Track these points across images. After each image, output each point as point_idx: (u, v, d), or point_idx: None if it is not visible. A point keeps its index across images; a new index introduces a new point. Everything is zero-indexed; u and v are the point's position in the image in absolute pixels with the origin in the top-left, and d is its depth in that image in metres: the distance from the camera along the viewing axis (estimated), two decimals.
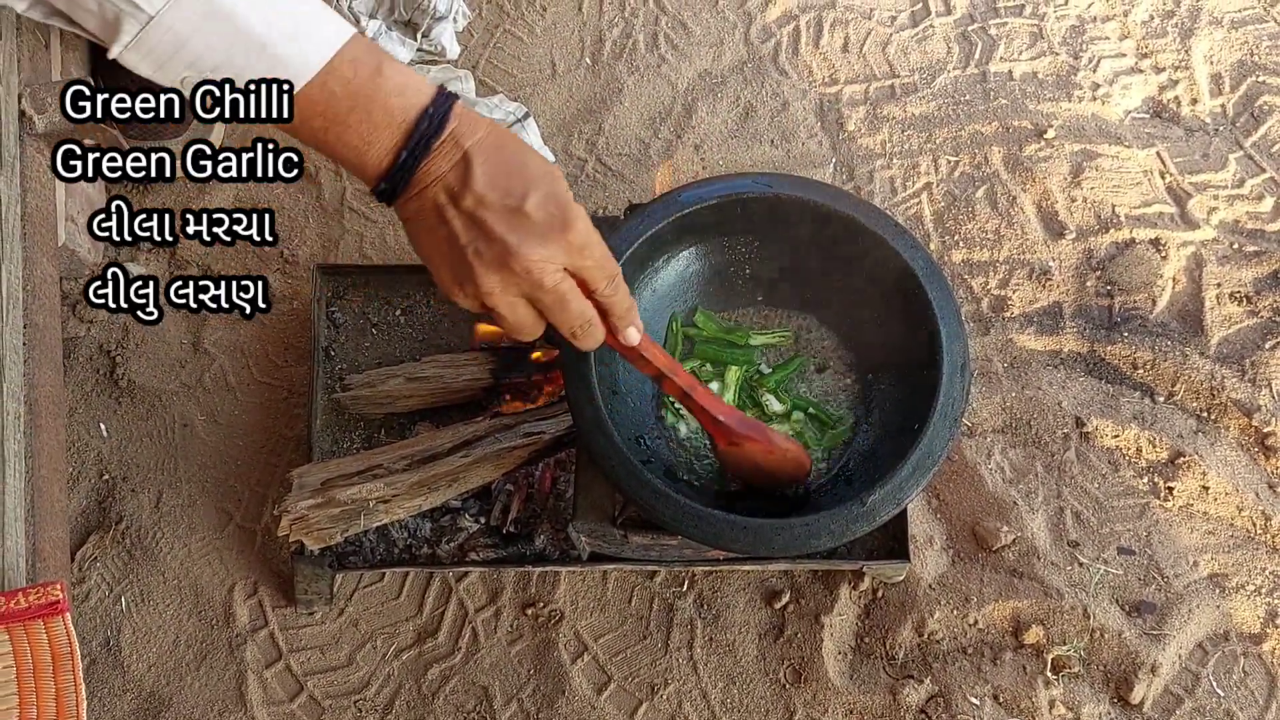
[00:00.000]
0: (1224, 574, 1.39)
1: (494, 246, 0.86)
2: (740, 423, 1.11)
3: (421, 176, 0.87)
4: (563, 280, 0.89)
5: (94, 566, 1.38)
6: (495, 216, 0.86)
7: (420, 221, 0.89)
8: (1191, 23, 1.72)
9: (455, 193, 0.87)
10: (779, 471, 1.15)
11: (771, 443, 1.13)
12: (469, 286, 0.89)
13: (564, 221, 0.88)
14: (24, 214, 1.20)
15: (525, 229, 0.87)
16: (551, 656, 1.35)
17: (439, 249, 0.89)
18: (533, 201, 0.87)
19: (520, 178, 0.88)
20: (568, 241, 0.88)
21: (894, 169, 1.62)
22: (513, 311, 0.90)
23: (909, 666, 1.35)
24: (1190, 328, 1.51)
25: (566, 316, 0.92)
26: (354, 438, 1.40)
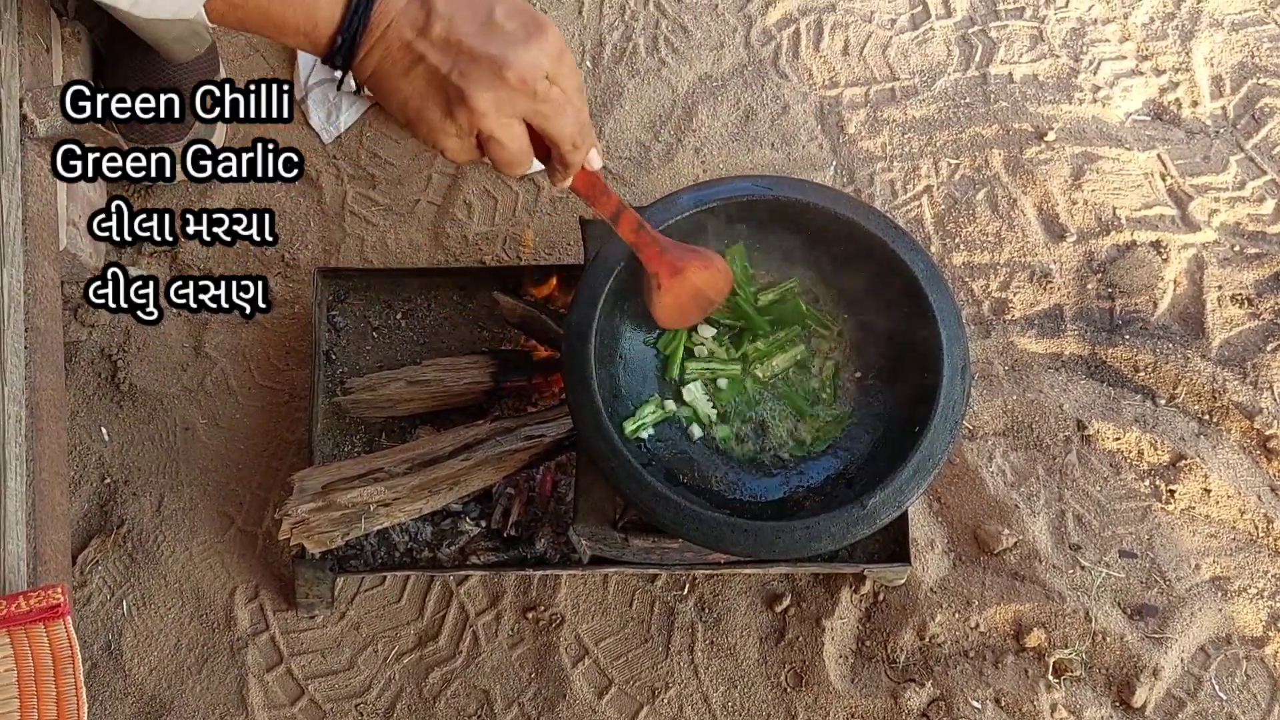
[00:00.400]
0: (1226, 577, 1.39)
1: (480, 63, 0.84)
2: (681, 248, 1.14)
3: (379, 17, 0.85)
4: (551, 86, 0.87)
5: (95, 570, 1.38)
6: (471, 35, 0.84)
7: (390, 67, 0.86)
8: (1192, 25, 1.72)
9: (421, 24, 0.85)
10: (713, 288, 1.18)
11: (705, 257, 1.16)
12: (461, 114, 0.85)
13: (538, 25, 0.86)
14: (25, 218, 1.20)
15: (506, 39, 0.85)
16: (552, 660, 1.35)
17: (417, 88, 0.86)
18: (501, 12, 0.85)
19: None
20: (547, 46, 0.86)
21: (894, 172, 1.62)
22: (509, 134, 0.88)
23: (910, 670, 1.35)
24: (1191, 330, 1.51)
25: (565, 123, 0.89)
26: (355, 441, 1.40)
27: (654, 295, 1.16)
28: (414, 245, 1.56)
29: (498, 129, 0.87)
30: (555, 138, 0.90)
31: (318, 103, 1.63)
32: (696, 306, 1.19)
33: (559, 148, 0.91)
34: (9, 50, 1.26)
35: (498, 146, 0.88)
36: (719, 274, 1.18)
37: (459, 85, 0.84)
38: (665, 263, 1.13)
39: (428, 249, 1.56)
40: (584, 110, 0.92)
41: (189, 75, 1.51)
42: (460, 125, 0.86)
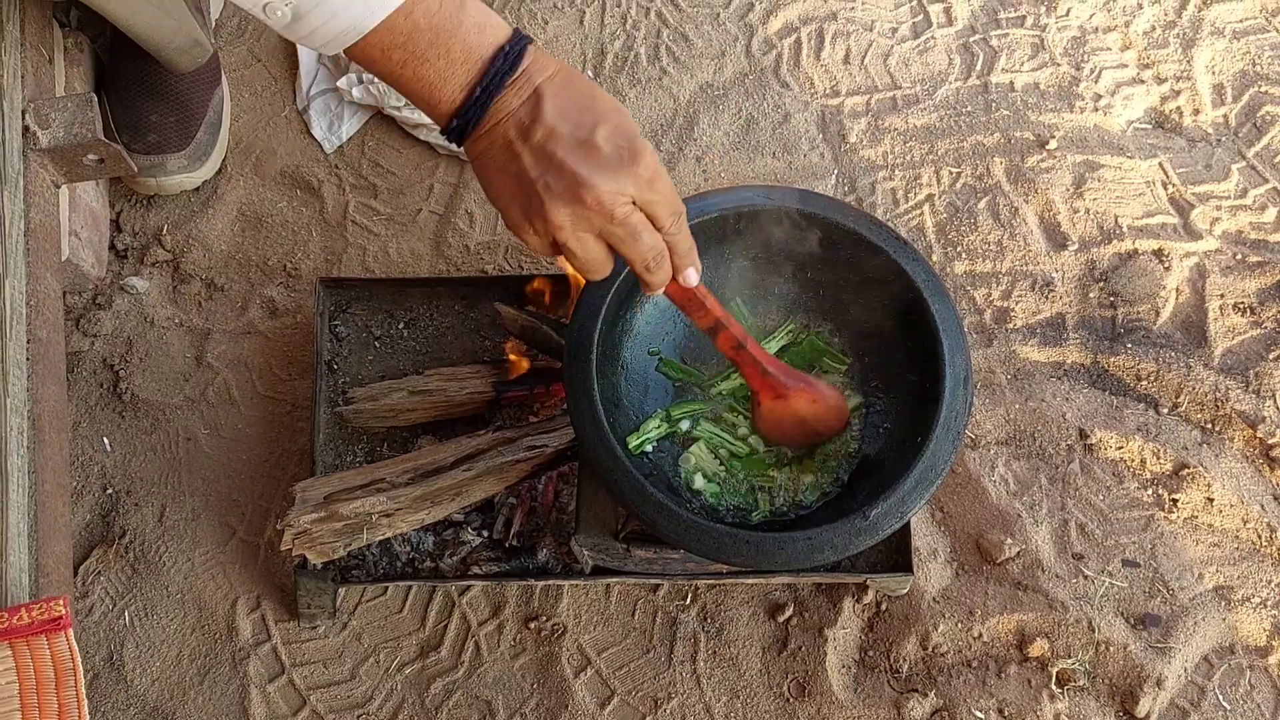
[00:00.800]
0: (1229, 586, 1.38)
1: (564, 179, 0.87)
2: (788, 374, 1.13)
3: (494, 113, 0.88)
4: (633, 212, 0.89)
5: (97, 581, 1.38)
6: (565, 149, 0.87)
7: (490, 158, 0.90)
8: (1193, 33, 1.72)
9: (526, 127, 0.88)
10: (821, 422, 1.17)
11: (817, 391, 1.15)
12: (539, 222, 0.89)
13: (633, 153, 0.88)
14: (27, 229, 1.21)
15: (595, 161, 0.87)
16: (554, 670, 1.35)
17: (508, 186, 0.90)
18: (602, 134, 0.88)
19: (590, 111, 0.89)
20: (637, 174, 0.88)
21: (896, 180, 1.62)
22: (583, 247, 0.90)
23: (913, 680, 1.34)
24: (1194, 339, 1.51)
25: (639, 248, 0.91)
26: (357, 451, 1.40)
27: (756, 409, 1.15)
28: (416, 255, 1.56)
29: (572, 241, 0.90)
30: (630, 260, 0.93)
31: (320, 112, 1.63)
32: (799, 432, 1.18)
33: (633, 268, 0.94)
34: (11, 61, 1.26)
35: (571, 255, 0.92)
36: (830, 410, 1.17)
37: (541, 195, 0.88)
38: (767, 385, 1.13)
39: (430, 258, 1.56)
40: (679, 234, 0.94)
41: (191, 85, 1.52)
42: (538, 229, 0.90)
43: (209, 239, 1.56)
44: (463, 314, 1.47)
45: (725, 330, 1.07)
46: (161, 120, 1.51)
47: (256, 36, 1.70)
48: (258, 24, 1.70)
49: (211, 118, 1.56)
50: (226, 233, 1.57)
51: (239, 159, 1.61)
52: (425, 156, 1.62)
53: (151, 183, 1.53)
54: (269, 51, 1.69)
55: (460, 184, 1.60)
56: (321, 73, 1.65)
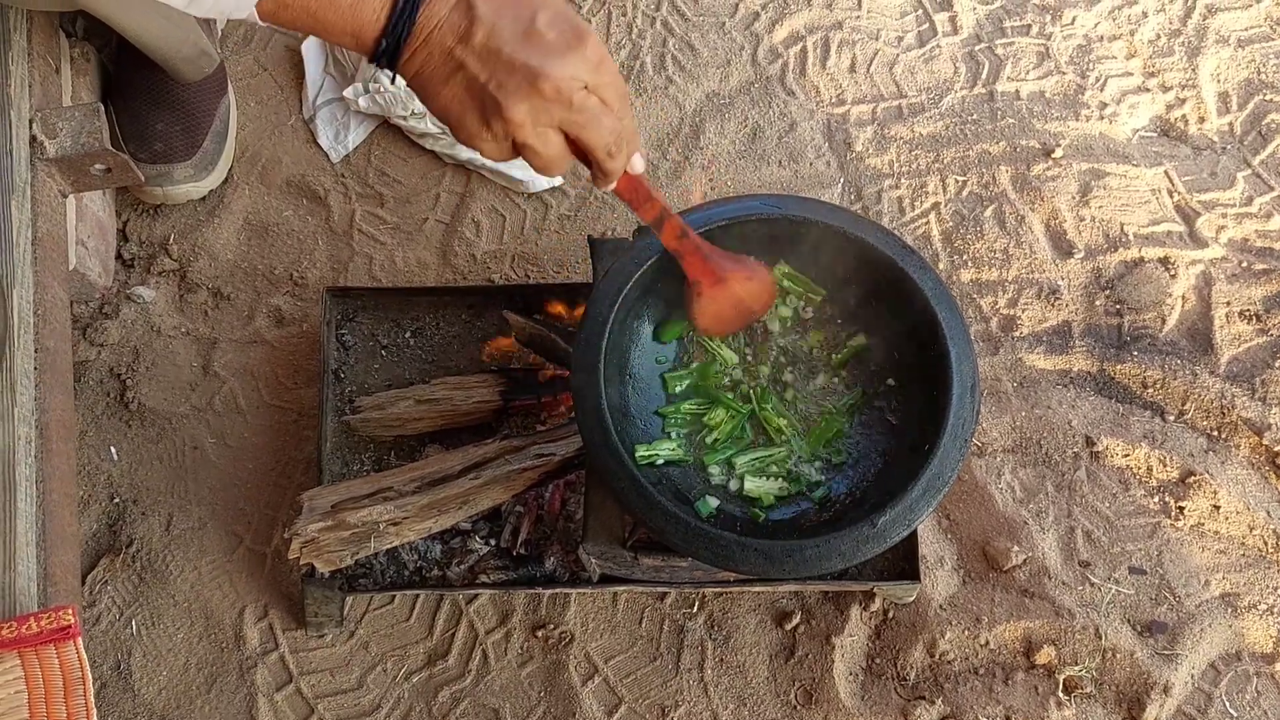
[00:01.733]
0: (1236, 593, 1.38)
1: (517, 74, 0.85)
2: (724, 256, 1.14)
3: (424, 23, 0.86)
4: (589, 96, 0.88)
5: (105, 590, 1.38)
6: (511, 44, 0.85)
7: (431, 72, 0.88)
8: (1198, 41, 1.72)
9: (463, 31, 0.86)
10: (755, 299, 1.19)
11: (749, 267, 1.16)
12: (497, 123, 0.87)
13: (578, 35, 0.87)
14: (35, 238, 1.21)
15: (544, 49, 0.85)
16: (562, 678, 1.35)
17: (457, 95, 0.88)
18: (543, 21, 0.86)
19: (519, 5, 0.87)
20: (585, 56, 0.87)
21: (902, 189, 1.62)
22: (544, 142, 0.89)
23: (920, 687, 1.34)
24: (1200, 346, 1.51)
25: (600, 133, 0.90)
26: (364, 460, 1.40)
27: (695, 301, 1.16)
28: (422, 264, 1.56)
29: (532, 138, 0.88)
30: (590, 146, 0.91)
31: (326, 121, 1.63)
32: (737, 316, 1.20)
33: (594, 155, 0.92)
34: (19, 72, 1.26)
35: (532, 153, 0.90)
36: (763, 286, 1.19)
37: (495, 95, 0.86)
38: (708, 270, 1.13)
39: (436, 267, 1.56)
40: (627, 117, 0.92)
41: (198, 94, 1.52)
42: (495, 133, 0.88)
43: (215, 248, 1.56)
44: (469, 323, 1.47)
45: (670, 219, 1.08)
46: (168, 129, 1.51)
47: (263, 46, 1.70)
48: (264, 33, 1.71)
49: (218, 127, 1.56)
50: (233, 242, 1.57)
51: (245, 168, 1.61)
52: (431, 165, 1.63)
53: (158, 192, 1.54)
54: (275, 61, 1.69)
55: (467, 193, 1.61)
56: (328, 82, 1.66)
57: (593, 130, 0.90)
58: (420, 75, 0.89)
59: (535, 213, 1.60)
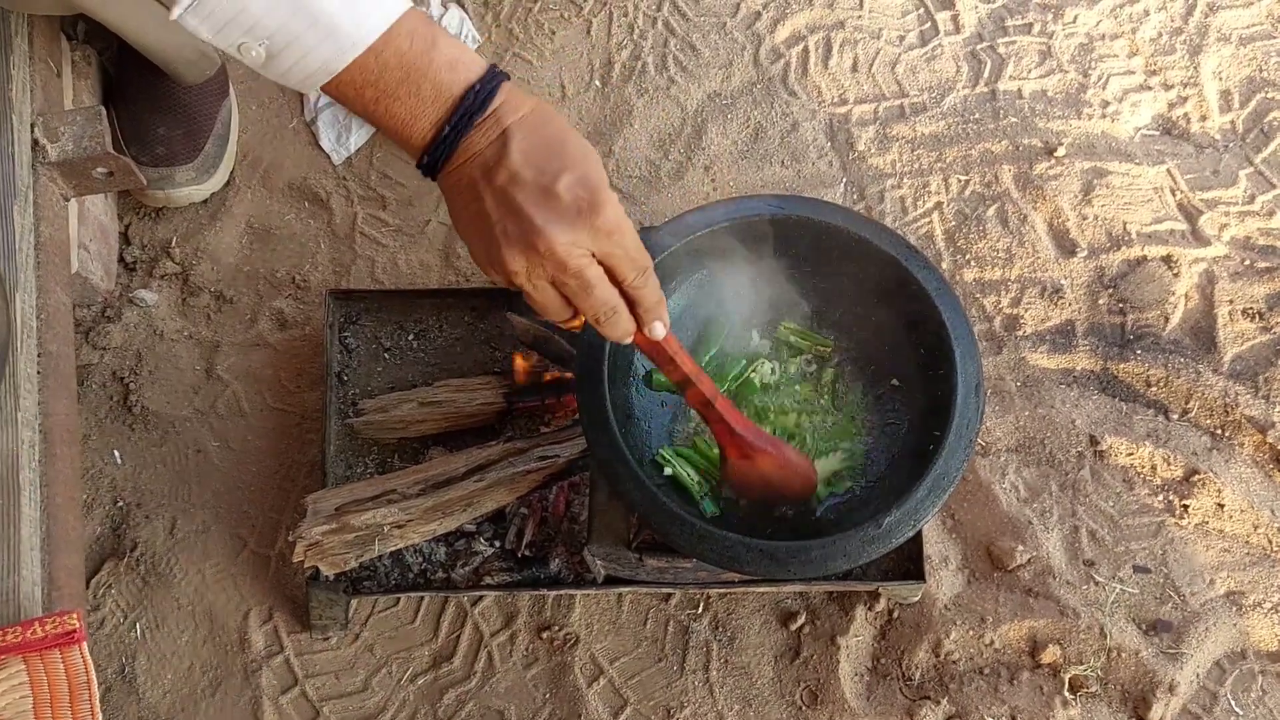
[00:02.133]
0: (1241, 591, 1.38)
1: (520, 225, 0.86)
2: (756, 435, 1.12)
3: (462, 151, 0.88)
4: (588, 266, 0.88)
5: (109, 593, 1.38)
6: (525, 196, 0.86)
7: (457, 195, 0.90)
8: (1200, 39, 1.72)
9: (490, 169, 0.87)
10: (786, 487, 1.16)
11: (784, 456, 1.14)
12: (497, 265, 0.89)
13: (593, 205, 0.87)
14: (38, 243, 1.21)
15: (553, 210, 0.86)
16: (567, 680, 1.35)
17: (472, 223, 0.89)
18: (565, 183, 0.86)
19: (557, 158, 0.87)
20: (595, 226, 0.87)
21: (904, 188, 1.62)
22: (540, 293, 0.90)
23: (925, 687, 1.34)
24: (1203, 344, 1.51)
25: (590, 302, 0.91)
26: (368, 463, 1.40)
27: (724, 464, 1.14)
28: (425, 266, 1.56)
29: (527, 285, 0.90)
30: (583, 311, 0.93)
31: (328, 124, 1.63)
32: (764, 491, 1.16)
33: (589, 319, 0.94)
34: (20, 75, 1.26)
35: (528, 298, 0.92)
36: (796, 476, 1.15)
37: (498, 240, 0.88)
38: (734, 443, 1.11)
39: (439, 269, 1.56)
40: (645, 287, 0.93)
41: (199, 97, 1.52)
42: (496, 270, 0.90)
43: (217, 251, 1.56)
44: (472, 325, 1.47)
45: (694, 386, 1.06)
46: (169, 133, 1.51)
47: None
48: None
49: (219, 130, 1.56)
50: (235, 245, 1.57)
51: (247, 171, 1.61)
52: None
53: (160, 195, 1.54)
54: None
55: None
56: None
57: (581, 299, 0.91)
58: (450, 193, 0.91)
59: None
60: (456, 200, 0.90)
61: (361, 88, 0.86)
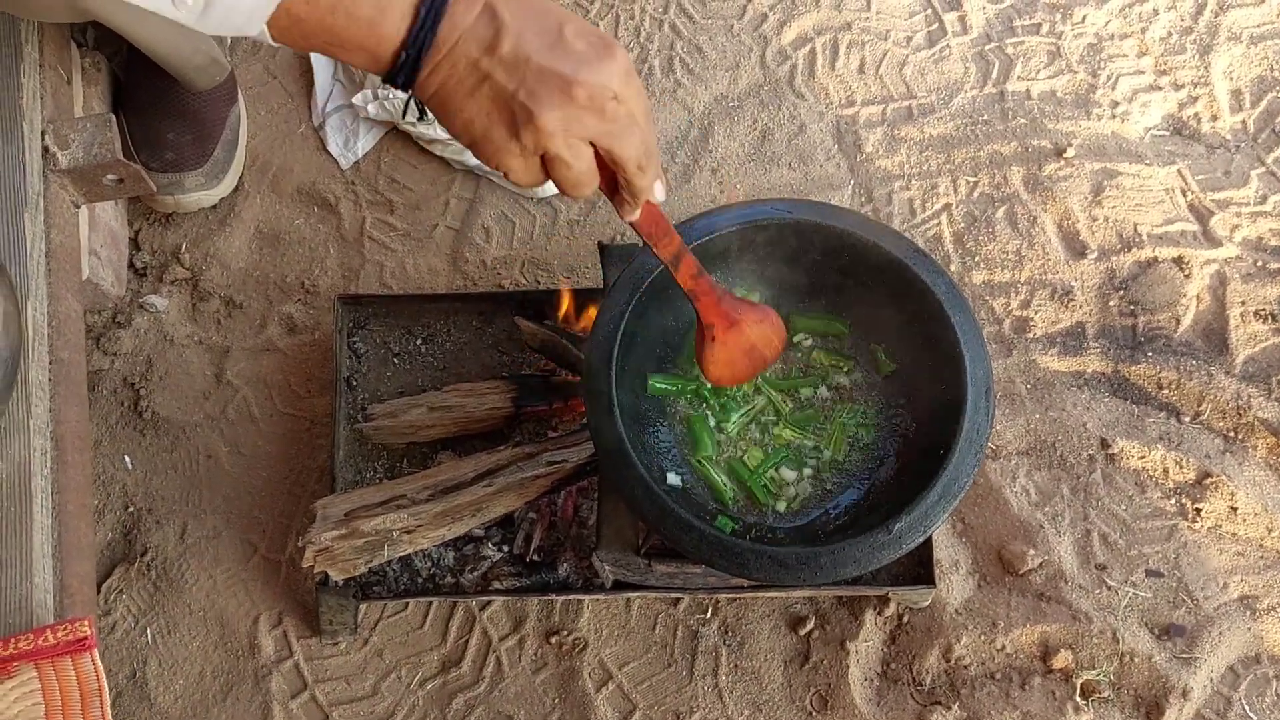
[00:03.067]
0: (1254, 596, 1.37)
1: (548, 81, 0.82)
2: (735, 299, 1.12)
3: (446, 34, 0.83)
4: (620, 105, 0.85)
5: (120, 599, 1.39)
6: (540, 52, 0.83)
7: (454, 86, 0.85)
8: (1210, 39, 1.71)
9: (489, 41, 0.83)
10: (768, 345, 1.15)
11: (761, 310, 1.14)
12: (528, 133, 0.84)
13: (607, 46, 0.85)
14: (49, 250, 1.21)
15: (575, 57, 0.83)
16: (576, 685, 1.35)
17: (482, 108, 0.85)
18: (570, 31, 0.84)
19: (547, 14, 0.85)
20: (614, 67, 0.84)
21: (913, 190, 1.61)
22: (575, 155, 0.86)
23: (936, 692, 1.34)
24: (1215, 346, 1.50)
25: (632, 143, 0.87)
26: (377, 468, 1.40)
27: (706, 348, 1.12)
28: (433, 270, 1.57)
29: (564, 149, 0.85)
30: (621, 159, 0.88)
31: (335, 129, 1.64)
32: (749, 363, 1.16)
33: (625, 170, 0.89)
34: (31, 83, 1.26)
35: (563, 166, 0.87)
36: (774, 329, 1.15)
37: (526, 104, 0.83)
38: (721, 313, 1.09)
39: (446, 274, 1.56)
40: (651, 135, 0.90)
41: (208, 103, 1.52)
42: (526, 145, 0.85)
43: (227, 256, 1.57)
44: (480, 329, 1.47)
45: (688, 256, 1.04)
46: (178, 138, 1.51)
47: (272, 54, 1.70)
48: None
49: (228, 135, 1.56)
50: (244, 250, 1.58)
51: (256, 176, 1.62)
52: (441, 171, 1.63)
53: (169, 200, 1.54)
54: (284, 68, 1.69)
55: (476, 199, 1.61)
56: (337, 89, 1.66)
57: (625, 140, 0.87)
58: (442, 90, 0.86)
59: (544, 218, 1.60)
60: (455, 91, 0.85)
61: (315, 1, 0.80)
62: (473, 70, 0.84)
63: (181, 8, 0.81)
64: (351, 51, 0.84)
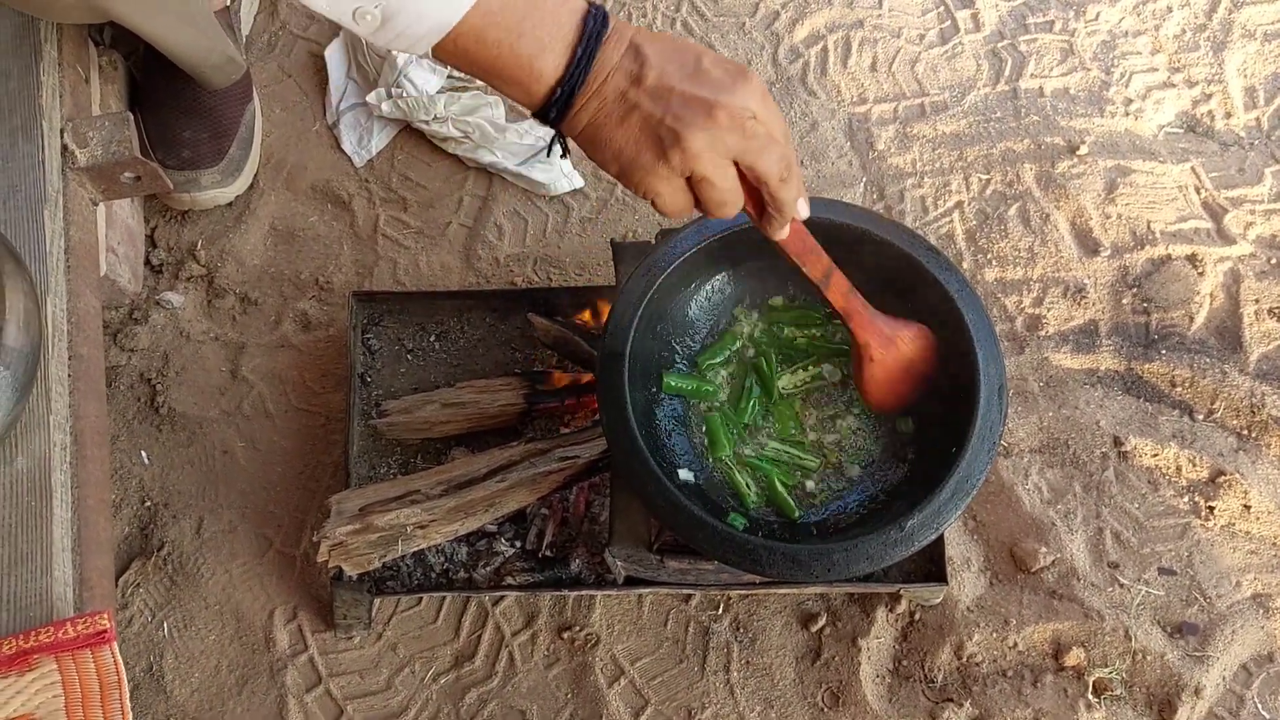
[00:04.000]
0: (1267, 594, 1.37)
1: (692, 105, 0.88)
2: (888, 318, 1.12)
3: (598, 70, 0.89)
4: (759, 124, 0.90)
5: (137, 593, 1.40)
6: (682, 82, 0.89)
7: (604, 116, 0.90)
8: (1224, 36, 1.70)
9: (636, 74, 0.89)
10: (926, 361, 1.15)
11: (914, 325, 1.14)
12: (675, 155, 0.89)
13: (741, 71, 0.90)
14: (68, 247, 1.22)
15: (714, 84, 0.89)
16: (588, 680, 1.35)
17: (632, 135, 0.90)
18: (707, 61, 0.90)
19: (685, 50, 0.91)
20: (751, 89, 0.90)
21: (925, 188, 1.61)
22: (721, 174, 0.90)
23: (948, 690, 1.34)
24: (1229, 344, 1.50)
25: (773, 159, 0.91)
26: (391, 463, 1.41)
27: (865, 369, 1.12)
28: (446, 268, 1.57)
29: (710, 168, 0.90)
30: (765, 174, 0.92)
31: (349, 127, 1.65)
32: (909, 382, 1.16)
33: (769, 184, 0.93)
34: (50, 82, 1.28)
35: (709, 186, 0.91)
36: (930, 344, 1.16)
37: (673, 128, 0.88)
38: (877, 331, 1.11)
39: (460, 271, 1.57)
40: (791, 151, 0.94)
41: (224, 101, 1.53)
42: (674, 167, 0.90)
43: (242, 253, 1.58)
44: (493, 326, 1.48)
45: (837, 274, 1.05)
46: (194, 136, 1.52)
47: (286, 52, 1.71)
48: (287, 39, 1.72)
49: (243, 133, 1.57)
50: (259, 247, 1.59)
51: (271, 174, 1.63)
52: (454, 169, 1.63)
53: (186, 198, 1.55)
54: (299, 67, 1.70)
55: (489, 196, 1.61)
56: (351, 87, 1.67)
57: (766, 157, 0.91)
58: (592, 124, 0.91)
59: (557, 216, 1.60)
60: (605, 121, 0.90)
61: (484, 31, 0.86)
62: (621, 101, 0.90)
63: (360, 22, 0.86)
64: (509, 85, 0.91)
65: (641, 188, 0.92)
